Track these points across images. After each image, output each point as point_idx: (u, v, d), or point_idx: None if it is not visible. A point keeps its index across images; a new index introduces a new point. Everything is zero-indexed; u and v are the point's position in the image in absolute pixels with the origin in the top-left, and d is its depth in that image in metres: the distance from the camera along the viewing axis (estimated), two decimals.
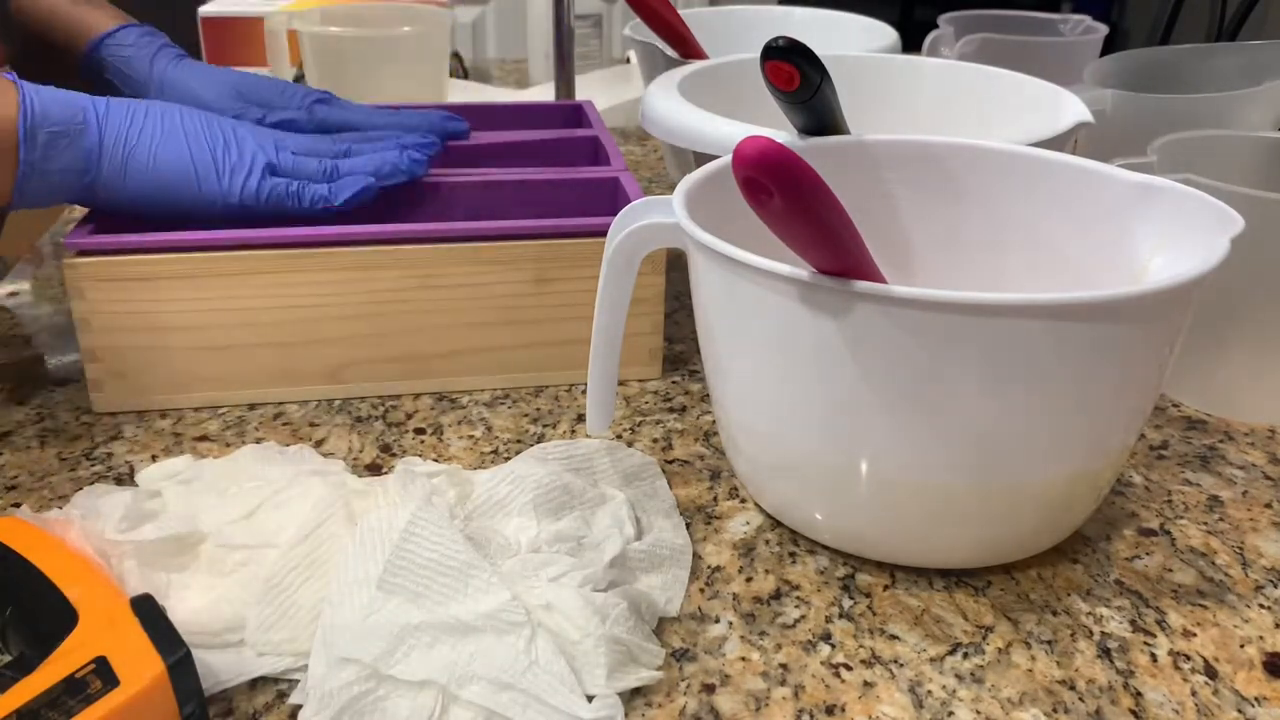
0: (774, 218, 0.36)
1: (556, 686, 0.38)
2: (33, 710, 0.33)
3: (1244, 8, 1.45)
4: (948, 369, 0.39)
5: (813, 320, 0.39)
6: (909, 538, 0.45)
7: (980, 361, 0.39)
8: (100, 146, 0.53)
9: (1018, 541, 0.46)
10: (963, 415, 0.40)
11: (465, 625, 0.39)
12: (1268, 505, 0.52)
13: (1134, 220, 0.48)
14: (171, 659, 0.35)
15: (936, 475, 0.42)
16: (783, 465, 0.46)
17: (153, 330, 0.56)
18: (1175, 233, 0.45)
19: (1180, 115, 0.69)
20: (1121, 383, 0.42)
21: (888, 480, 0.42)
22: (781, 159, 0.34)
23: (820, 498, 0.45)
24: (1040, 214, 0.52)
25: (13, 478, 0.52)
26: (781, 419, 0.44)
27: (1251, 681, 0.41)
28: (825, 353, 0.40)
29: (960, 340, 0.38)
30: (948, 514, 0.43)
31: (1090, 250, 0.50)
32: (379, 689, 0.38)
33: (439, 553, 0.41)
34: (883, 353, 0.39)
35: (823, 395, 0.41)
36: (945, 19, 1.04)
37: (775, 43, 0.49)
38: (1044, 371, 0.39)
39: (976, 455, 0.41)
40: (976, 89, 0.72)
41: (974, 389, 0.39)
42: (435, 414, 0.58)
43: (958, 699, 0.40)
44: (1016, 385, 0.39)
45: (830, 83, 0.52)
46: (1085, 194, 0.50)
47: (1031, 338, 0.38)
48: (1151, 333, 0.41)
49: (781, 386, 0.43)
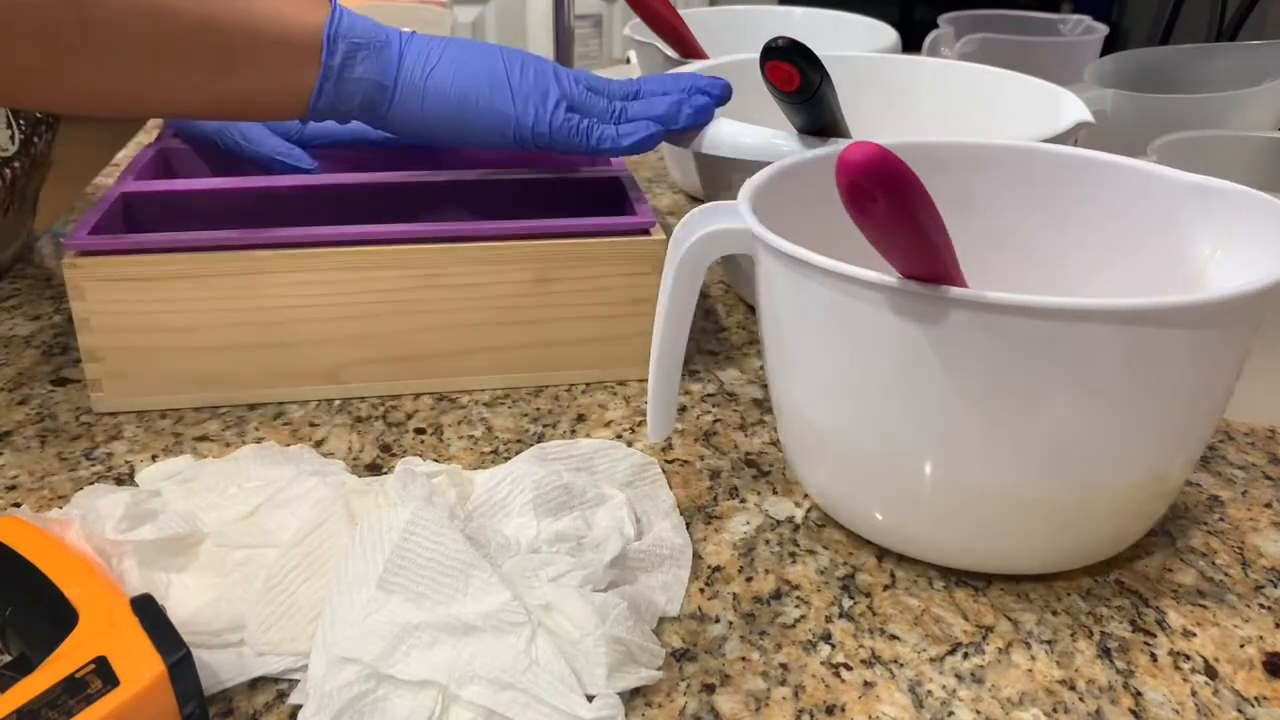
0: (876, 224, 0.36)
1: (557, 686, 0.38)
2: (33, 710, 0.33)
3: (1244, 8, 1.46)
4: (1034, 374, 0.39)
5: (900, 325, 0.39)
6: (978, 542, 0.45)
7: (1067, 367, 0.39)
8: (400, 62, 0.56)
9: (1086, 547, 0.45)
10: (1044, 421, 0.40)
11: (465, 625, 0.39)
12: (1268, 505, 0.52)
13: (1189, 221, 0.48)
14: (171, 659, 0.35)
15: (1012, 480, 0.42)
16: (854, 467, 0.45)
17: (153, 330, 0.56)
18: (1233, 232, 0.46)
19: (1180, 115, 0.69)
20: (1197, 388, 0.41)
21: (963, 483, 0.42)
22: (889, 165, 0.34)
23: (889, 499, 0.45)
24: (1094, 216, 0.52)
25: (13, 478, 0.52)
26: (860, 421, 0.43)
27: (1251, 681, 0.41)
28: (910, 357, 0.40)
29: (1048, 346, 0.38)
30: (1020, 519, 0.43)
31: (1147, 252, 0.50)
32: (379, 689, 0.38)
33: (439, 552, 0.41)
34: (969, 358, 0.39)
35: (904, 399, 0.41)
36: (945, 19, 1.04)
37: (775, 43, 0.49)
38: (1127, 377, 0.39)
39: (1054, 461, 0.41)
40: (976, 89, 0.72)
41: (1058, 395, 0.39)
42: (435, 414, 0.58)
43: (958, 699, 0.40)
44: (1099, 391, 0.39)
45: (830, 83, 0.52)
46: (1139, 195, 0.50)
47: (1120, 343, 0.38)
48: (1230, 337, 0.41)
49: (861, 389, 0.42)
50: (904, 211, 0.35)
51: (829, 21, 1.02)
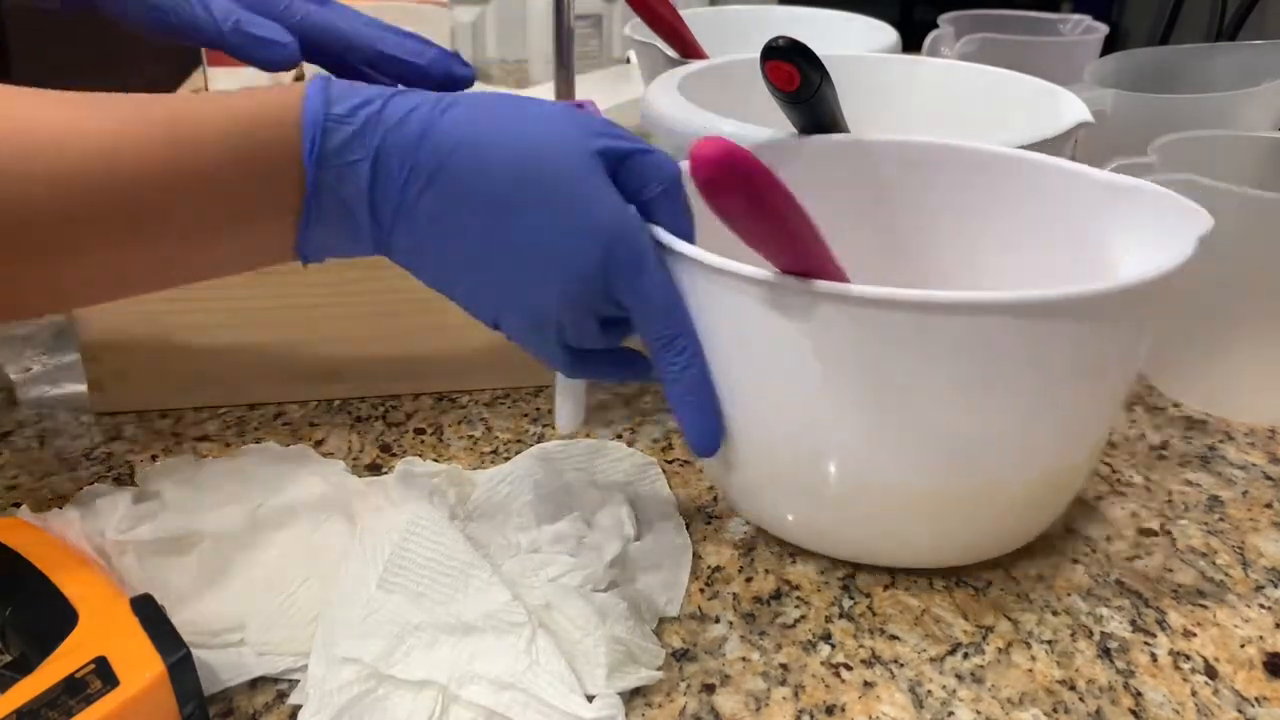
0: (733, 218, 0.36)
1: (557, 686, 0.38)
2: (33, 710, 0.33)
3: (1244, 8, 1.46)
4: (911, 369, 0.39)
5: (776, 321, 0.39)
6: (879, 538, 0.45)
7: (944, 361, 0.39)
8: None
9: (990, 540, 0.46)
10: (929, 416, 0.40)
11: (465, 625, 0.39)
12: (1268, 505, 0.52)
13: (1105, 219, 0.47)
14: (171, 659, 0.35)
15: (905, 476, 0.42)
16: (753, 467, 0.45)
17: (153, 330, 0.56)
18: (1145, 232, 0.45)
19: (1180, 115, 0.69)
20: (1086, 381, 0.41)
21: (856, 481, 0.42)
22: (738, 160, 0.34)
23: (790, 498, 0.45)
24: (1013, 213, 0.52)
25: (13, 478, 0.52)
26: (755, 418, 0.43)
27: (1251, 681, 0.41)
28: (788, 353, 0.40)
29: (922, 340, 0.38)
30: (918, 514, 0.43)
31: (1063, 249, 0.50)
32: (379, 689, 0.38)
33: (439, 553, 0.41)
34: (846, 353, 0.39)
35: (790, 397, 0.41)
36: (945, 19, 1.04)
37: (775, 43, 0.49)
38: (1006, 371, 0.39)
39: (946, 456, 0.41)
40: (976, 89, 0.72)
41: (938, 389, 0.39)
42: (435, 414, 0.58)
43: (958, 699, 0.40)
44: (980, 385, 0.39)
45: (830, 83, 0.52)
46: (1057, 193, 0.50)
47: (993, 336, 0.38)
48: (1116, 331, 0.41)
49: (749, 388, 0.43)
50: (758, 206, 0.35)
51: (829, 21, 1.01)
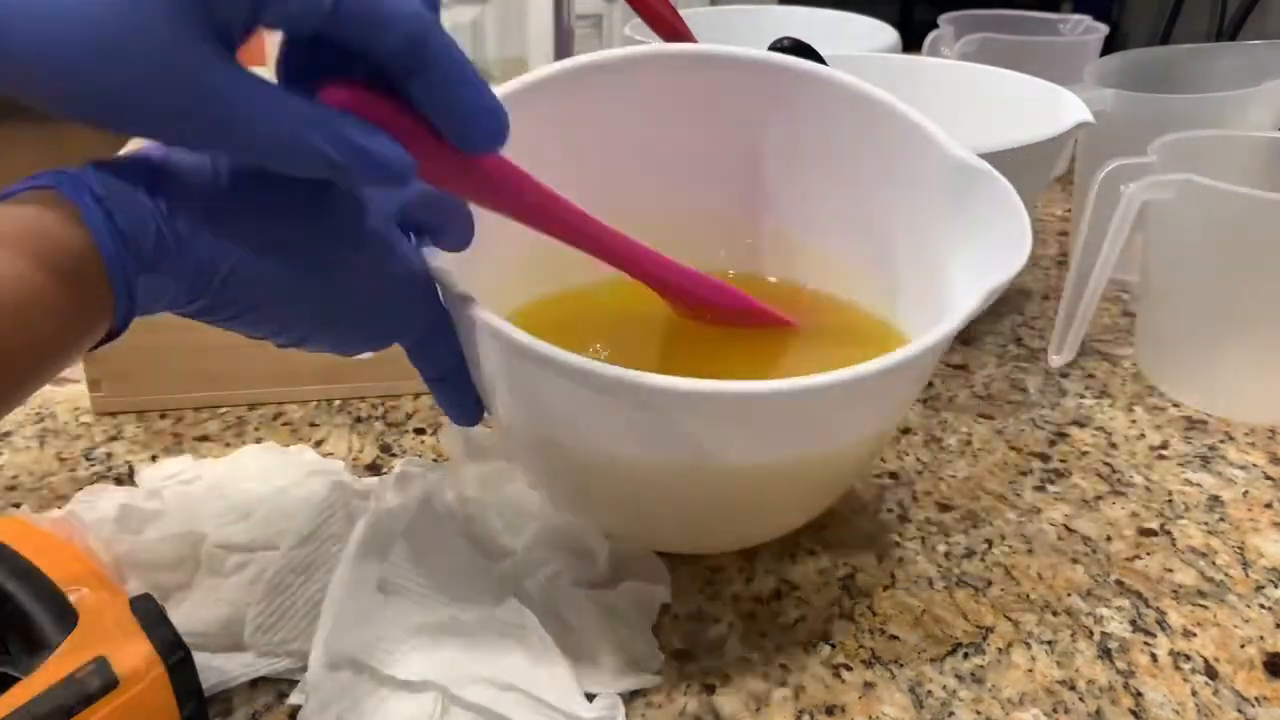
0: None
1: (557, 686, 0.38)
2: (33, 710, 0.33)
3: (1244, 8, 1.46)
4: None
5: None
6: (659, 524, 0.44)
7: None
8: None
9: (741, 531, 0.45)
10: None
11: (465, 626, 0.39)
12: (1268, 505, 0.52)
13: (950, 200, 0.44)
14: (171, 659, 0.35)
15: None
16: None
17: (153, 330, 0.55)
18: (978, 240, 0.42)
19: (1180, 115, 0.69)
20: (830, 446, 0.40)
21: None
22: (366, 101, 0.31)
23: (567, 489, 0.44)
24: (860, 157, 0.48)
25: (13, 478, 0.52)
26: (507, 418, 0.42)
27: (1252, 681, 0.41)
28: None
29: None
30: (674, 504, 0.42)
31: (903, 216, 0.47)
32: (379, 689, 0.38)
33: (439, 555, 0.41)
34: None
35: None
36: (945, 19, 1.04)
37: (780, 43, 0.49)
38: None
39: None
40: (976, 89, 0.72)
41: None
42: (435, 414, 0.58)
43: (958, 699, 0.40)
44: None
45: None
46: (913, 155, 0.46)
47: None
48: (880, 400, 0.39)
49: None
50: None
51: (829, 21, 1.01)
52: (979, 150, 0.51)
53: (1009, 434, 0.57)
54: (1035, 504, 0.51)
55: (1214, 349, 0.59)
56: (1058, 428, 0.58)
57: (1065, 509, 0.51)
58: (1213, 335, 0.59)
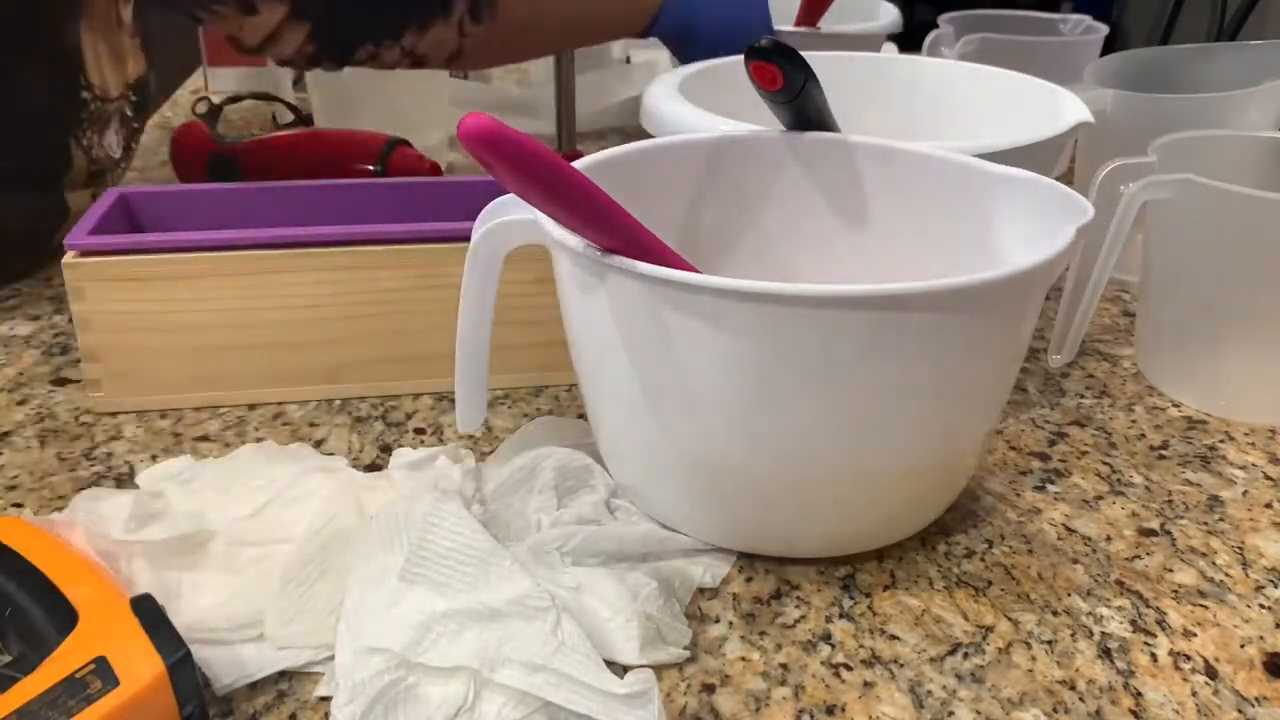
0: (515, 191, 0.38)
1: (588, 665, 0.38)
2: (33, 710, 0.33)
3: (1244, 8, 1.46)
4: (748, 358, 0.39)
5: (596, 299, 0.40)
6: (752, 525, 0.45)
7: (775, 350, 0.38)
8: None
9: (869, 533, 0.46)
10: (785, 407, 0.40)
11: (492, 611, 0.39)
12: (1268, 505, 0.52)
13: (997, 212, 0.48)
14: (171, 659, 0.35)
15: (776, 466, 0.42)
16: (638, 453, 0.45)
17: (153, 330, 0.56)
18: (1033, 224, 0.46)
19: (1180, 115, 0.69)
20: (944, 376, 0.41)
21: (736, 469, 0.42)
22: (498, 135, 0.34)
23: (666, 484, 0.45)
24: (901, 207, 0.53)
25: (13, 478, 0.52)
26: (623, 405, 0.44)
27: (1252, 681, 0.41)
28: (632, 335, 0.40)
29: (746, 330, 0.38)
30: (801, 504, 0.43)
31: (964, 244, 0.50)
32: (409, 676, 0.38)
33: (459, 542, 0.42)
34: (661, 334, 0.39)
35: (647, 384, 0.42)
36: (945, 19, 1.04)
37: (759, 44, 0.49)
38: (844, 364, 0.39)
39: (811, 447, 0.41)
40: (976, 89, 0.72)
41: (782, 379, 0.39)
42: (435, 414, 0.58)
43: (958, 699, 0.40)
44: (827, 378, 0.39)
45: (815, 82, 0.52)
46: (955, 186, 0.50)
47: (829, 329, 0.38)
48: (987, 324, 0.41)
49: (606, 375, 0.43)
50: (527, 179, 0.36)
51: (833, 7, 1.02)
52: (979, 150, 0.51)
53: (1009, 434, 0.57)
54: (1035, 504, 0.51)
55: (1214, 349, 0.59)
56: (1058, 428, 0.58)
57: (1065, 509, 0.51)
58: (1213, 335, 0.59)
